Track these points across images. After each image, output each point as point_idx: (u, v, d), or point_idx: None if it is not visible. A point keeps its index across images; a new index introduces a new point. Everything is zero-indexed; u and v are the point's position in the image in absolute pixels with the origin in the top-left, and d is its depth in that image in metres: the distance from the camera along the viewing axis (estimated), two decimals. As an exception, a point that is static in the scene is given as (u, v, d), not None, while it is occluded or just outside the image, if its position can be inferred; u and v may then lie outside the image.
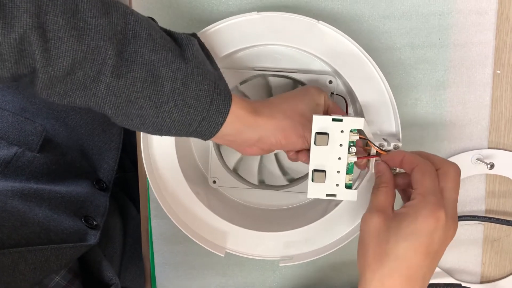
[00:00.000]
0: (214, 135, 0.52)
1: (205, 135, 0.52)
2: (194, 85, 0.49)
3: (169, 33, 0.52)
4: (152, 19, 0.52)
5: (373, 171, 0.56)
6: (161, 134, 0.51)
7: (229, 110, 0.51)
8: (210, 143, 0.67)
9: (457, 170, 0.51)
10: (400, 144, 0.56)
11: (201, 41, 0.55)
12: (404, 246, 0.47)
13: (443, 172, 0.51)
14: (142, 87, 0.47)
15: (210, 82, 0.50)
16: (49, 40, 0.42)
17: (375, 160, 0.56)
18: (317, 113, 0.57)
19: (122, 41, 0.46)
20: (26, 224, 0.54)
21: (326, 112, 0.60)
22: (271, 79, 0.64)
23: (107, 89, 0.46)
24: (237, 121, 0.52)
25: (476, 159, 0.68)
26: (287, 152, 0.60)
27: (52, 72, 0.43)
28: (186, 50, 0.50)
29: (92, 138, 0.72)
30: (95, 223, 0.64)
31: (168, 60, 0.48)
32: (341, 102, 0.64)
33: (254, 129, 0.54)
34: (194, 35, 0.56)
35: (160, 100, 0.48)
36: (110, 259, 0.71)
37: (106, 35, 0.45)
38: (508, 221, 0.67)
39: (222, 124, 0.51)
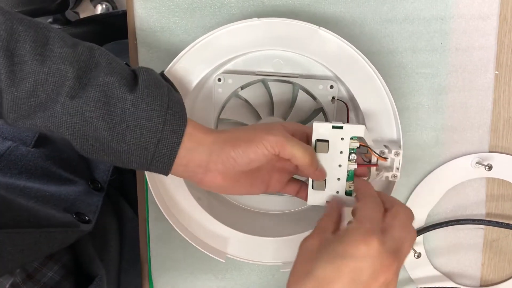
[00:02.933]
0: (173, 159, 0.51)
1: (165, 162, 0.51)
2: (144, 106, 0.49)
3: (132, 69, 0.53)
4: (126, 63, 0.54)
5: (376, 179, 0.56)
6: (124, 165, 0.51)
7: (184, 130, 0.50)
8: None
9: (408, 213, 0.49)
10: (401, 151, 0.56)
11: (164, 75, 0.57)
12: (327, 267, 0.44)
13: (393, 211, 0.49)
14: (95, 107, 0.48)
15: (163, 103, 0.50)
16: (15, 64, 0.46)
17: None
18: (275, 130, 0.53)
19: (84, 69, 0.49)
20: (13, 208, 0.54)
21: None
22: (271, 84, 0.64)
23: (62, 109, 0.47)
24: (189, 141, 0.51)
25: (476, 162, 0.68)
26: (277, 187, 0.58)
27: (16, 93, 0.46)
28: (139, 75, 0.52)
29: None
30: (87, 218, 0.65)
31: (120, 82, 0.49)
32: (342, 108, 0.64)
33: (203, 147, 0.52)
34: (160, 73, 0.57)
35: (114, 121, 0.49)
36: (108, 262, 0.71)
37: (68, 60, 0.48)
38: (508, 224, 0.68)
39: (179, 145, 0.50)
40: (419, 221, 0.70)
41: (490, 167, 0.68)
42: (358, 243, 0.44)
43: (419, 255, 0.71)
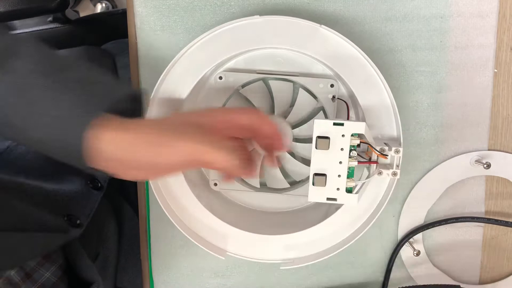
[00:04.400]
0: (80, 145, 0.45)
1: (72, 145, 0.45)
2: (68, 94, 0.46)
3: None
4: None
5: (376, 175, 0.56)
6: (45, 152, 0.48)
7: (90, 120, 0.45)
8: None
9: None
10: (401, 149, 0.56)
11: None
12: None
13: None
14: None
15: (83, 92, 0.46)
16: None
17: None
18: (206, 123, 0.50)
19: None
20: (2, 211, 0.54)
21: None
22: (272, 82, 0.64)
23: None
24: (101, 137, 0.46)
25: (475, 160, 0.69)
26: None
27: None
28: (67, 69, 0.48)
29: None
30: (78, 221, 0.64)
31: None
32: (343, 107, 0.64)
33: (115, 145, 0.46)
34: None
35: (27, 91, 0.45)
36: (105, 259, 0.71)
37: None
38: (507, 222, 0.68)
39: (82, 132, 0.45)
40: (418, 219, 0.70)
41: (488, 165, 0.68)
42: None
43: (418, 253, 0.71)
